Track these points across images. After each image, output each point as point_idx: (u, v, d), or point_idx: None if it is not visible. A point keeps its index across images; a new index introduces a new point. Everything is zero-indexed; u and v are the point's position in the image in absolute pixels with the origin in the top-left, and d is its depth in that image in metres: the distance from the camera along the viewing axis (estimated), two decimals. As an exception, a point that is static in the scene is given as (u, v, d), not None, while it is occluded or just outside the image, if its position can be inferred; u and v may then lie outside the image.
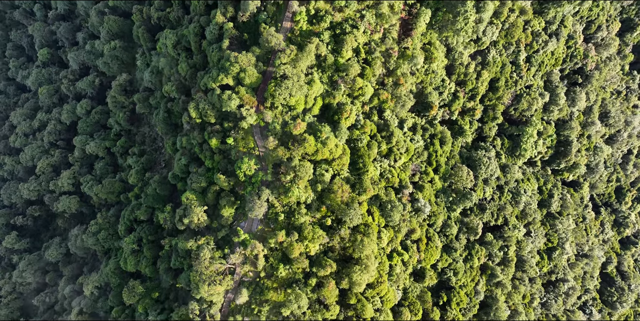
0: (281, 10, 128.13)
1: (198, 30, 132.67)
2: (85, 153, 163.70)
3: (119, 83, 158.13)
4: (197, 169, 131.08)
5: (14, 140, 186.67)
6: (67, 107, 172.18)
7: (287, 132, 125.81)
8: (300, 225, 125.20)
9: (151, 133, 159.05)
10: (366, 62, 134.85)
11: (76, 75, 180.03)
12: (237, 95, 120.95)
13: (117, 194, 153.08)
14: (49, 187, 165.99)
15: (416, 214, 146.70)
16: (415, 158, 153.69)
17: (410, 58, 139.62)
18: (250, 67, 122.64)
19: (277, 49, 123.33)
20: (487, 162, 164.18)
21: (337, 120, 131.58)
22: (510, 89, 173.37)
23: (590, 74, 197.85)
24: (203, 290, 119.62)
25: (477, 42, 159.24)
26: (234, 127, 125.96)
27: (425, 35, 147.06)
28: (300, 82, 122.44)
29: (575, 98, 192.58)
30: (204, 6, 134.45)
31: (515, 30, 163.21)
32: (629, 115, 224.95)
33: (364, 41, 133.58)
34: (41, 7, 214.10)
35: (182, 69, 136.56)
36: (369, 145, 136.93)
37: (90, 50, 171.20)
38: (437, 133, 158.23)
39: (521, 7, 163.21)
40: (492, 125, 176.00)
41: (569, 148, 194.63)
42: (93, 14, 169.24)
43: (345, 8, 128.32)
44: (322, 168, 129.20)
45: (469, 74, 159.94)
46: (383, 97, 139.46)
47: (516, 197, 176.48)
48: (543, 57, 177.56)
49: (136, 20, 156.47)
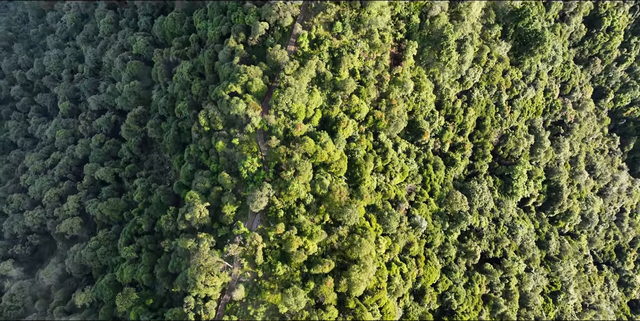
0: (286, 35, 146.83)
1: (212, 54, 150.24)
2: (93, 180, 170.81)
3: (134, 114, 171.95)
4: (202, 172, 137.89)
5: (24, 178, 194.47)
6: (82, 142, 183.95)
7: (289, 136, 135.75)
8: (299, 223, 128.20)
9: (159, 158, 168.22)
10: (361, 83, 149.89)
11: (93, 117, 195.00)
12: (244, 101, 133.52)
13: (120, 212, 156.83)
14: (53, 214, 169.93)
15: (413, 229, 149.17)
16: (410, 180, 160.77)
17: (401, 84, 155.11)
18: (257, 78, 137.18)
19: (281, 63, 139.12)
20: (481, 190, 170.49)
21: (335, 130, 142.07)
22: (497, 128, 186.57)
23: (570, 126, 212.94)
24: (200, 281, 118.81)
25: (462, 82, 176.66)
26: (239, 131, 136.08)
27: (414, 70, 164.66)
28: (302, 90, 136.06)
29: (559, 146, 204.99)
30: (219, 36, 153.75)
31: (495, 75, 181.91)
32: (616, 172, 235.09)
33: (359, 66, 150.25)
34: (68, 72, 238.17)
35: (194, 88, 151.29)
36: (365, 157, 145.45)
37: (110, 92, 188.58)
38: (430, 159, 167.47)
39: (498, 55, 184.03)
40: (483, 163, 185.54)
41: (560, 193, 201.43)
42: (117, 61, 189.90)
43: (342, 35, 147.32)
44: (322, 173, 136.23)
45: (456, 109, 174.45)
46: (377, 116, 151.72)
47: (512, 230, 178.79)
48: (524, 103, 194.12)
49: (156, 60, 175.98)
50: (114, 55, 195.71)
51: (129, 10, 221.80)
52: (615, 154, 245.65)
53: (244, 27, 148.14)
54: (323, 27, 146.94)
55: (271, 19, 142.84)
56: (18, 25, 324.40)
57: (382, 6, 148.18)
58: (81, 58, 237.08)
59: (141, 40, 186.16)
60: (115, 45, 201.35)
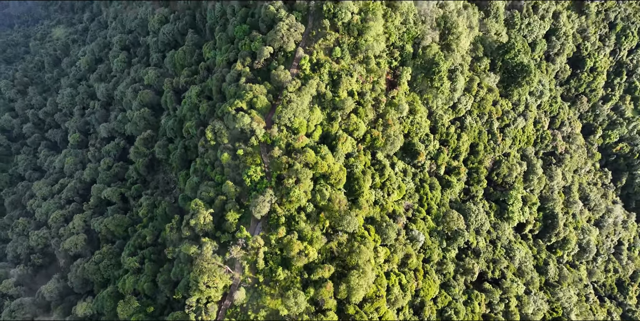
0: (289, 60, 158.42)
1: (220, 77, 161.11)
2: (100, 200, 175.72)
3: (142, 137, 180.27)
4: (207, 182, 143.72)
5: (31, 203, 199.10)
6: (90, 165, 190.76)
7: (291, 149, 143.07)
8: (300, 229, 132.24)
9: (165, 178, 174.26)
10: (359, 103, 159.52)
11: (103, 144, 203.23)
12: (249, 115, 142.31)
13: (125, 228, 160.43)
14: (58, 233, 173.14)
15: (411, 242, 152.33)
16: (407, 197, 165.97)
17: (397, 106, 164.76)
18: (262, 96, 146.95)
19: (285, 82, 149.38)
20: (477, 210, 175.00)
21: (334, 145, 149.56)
22: (490, 154, 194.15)
23: (562, 157, 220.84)
24: (202, 282, 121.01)
25: (455, 109, 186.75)
26: (244, 144, 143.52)
27: (409, 95, 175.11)
28: (303, 106, 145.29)
29: (552, 175, 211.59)
30: (227, 62, 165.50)
31: (486, 103, 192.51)
32: (610, 204, 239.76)
33: (357, 88, 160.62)
34: (80, 108, 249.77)
35: (202, 108, 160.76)
36: (363, 172, 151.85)
37: (120, 120, 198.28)
38: (427, 179, 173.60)
39: (488, 85, 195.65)
40: (478, 187, 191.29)
41: (555, 220, 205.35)
42: (129, 92, 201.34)
43: (341, 60, 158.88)
44: (322, 184, 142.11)
45: (450, 133, 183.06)
46: (375, 134, 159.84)
47: (510, 252, 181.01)
48: (515, 131, 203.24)
49: (166, 88, 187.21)
50: (126, 87, 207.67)
51: (142, 49, 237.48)
52: (608, 188, 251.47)
53: (250, 53, 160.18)
54: (323, 52, 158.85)
55: (275, 44, 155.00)
56: (34, 72, 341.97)
57: (378, 34, 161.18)
58: (93, 95, 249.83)
59: (152, 72, 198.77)
60: (127, 79, 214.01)
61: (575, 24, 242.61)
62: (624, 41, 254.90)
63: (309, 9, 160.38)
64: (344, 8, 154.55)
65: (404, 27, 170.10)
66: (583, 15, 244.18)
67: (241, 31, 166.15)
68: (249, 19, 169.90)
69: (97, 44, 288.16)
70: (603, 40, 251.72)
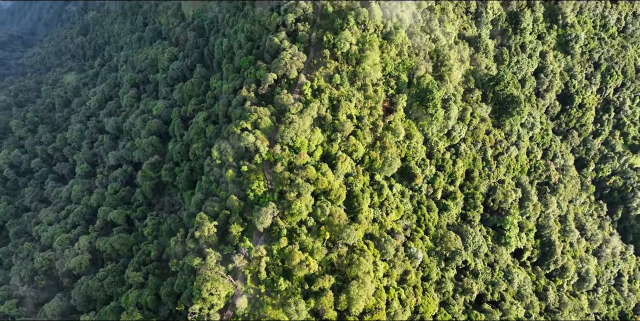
0: (292, 86, 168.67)
1: (226, 102, 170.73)
2: (105, 222, 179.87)
3: (150, 162, 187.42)
4: (212, 198, 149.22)
5: (37, 229, 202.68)
6: (97, 191, 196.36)
7: (293, 167, 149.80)
8: (301, 241, 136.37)
9: (170, 200, 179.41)
10: (357, 127, 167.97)
11: (110, 171, 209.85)
12: (253, 134, 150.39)
13: (130, 247, 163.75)
14: (63, 254, 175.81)
15: (410, 259, 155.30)
16: (405, 218, 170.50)
17: (394, 130, 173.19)
18: (266, 117, 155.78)
19: (287, 105, 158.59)
20: (474, 232, 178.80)
21: (334, 164, 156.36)
22: (485, 180, 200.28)
23: (556, 186, 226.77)
24: (205, 289, 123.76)
25: (449, 137, 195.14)
26: (248, 162, 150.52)
27: (405, 122, 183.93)
28: (305, 127, 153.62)
29: (547, 203, 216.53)
30: (233, 89, 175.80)
31: (479, 132, 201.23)
32: (607, 235, 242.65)
33: (355, 113, 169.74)
34: (89, 142, 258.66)
35: (208, 131, 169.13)
36: (362, 190, 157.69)
37: (129, 148, 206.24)
38: (424, 201, 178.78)
39: (481, 115, 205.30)
40: (475, 213, 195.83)
41: (553, 247, 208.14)
42: (138, 122, 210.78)
43: (340, 86, 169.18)
44: (322, 200, 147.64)
45: (445, 159, 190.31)
46: (373, 156, 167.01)
47: (508, 275, 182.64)
48: (509, 160, 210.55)
49: (174, 117, 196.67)
50: (135, 118, 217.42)
51: (151, 85, 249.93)
52: (604, 220, 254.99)
53: (255, 80, 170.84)
54: (324, 79, 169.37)
55: (279, 72, 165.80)
56: (44, 113, 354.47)
57: (375, 63, 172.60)
58: (102, 130, 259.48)
59: (161, 103, 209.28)
60: (136, 111, 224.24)
61: (562, 63, 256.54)
62: (609, 80, 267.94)
63: (310, 40, 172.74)
64: (343, 39, 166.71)
65: (399, 58, 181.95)
66: (569, 55, 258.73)
67: (247, 61, 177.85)
68: (255, 51, 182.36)
69: (108, 84, 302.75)
70: (589, 79, 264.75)
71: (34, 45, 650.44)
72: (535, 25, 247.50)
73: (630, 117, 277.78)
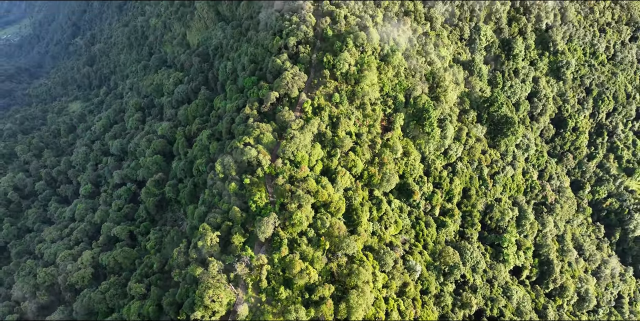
0: (293, 104, 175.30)
1: (229, 120, 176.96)
2: (109, 238, 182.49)
3: (154, 180, 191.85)
4: (214, 210, 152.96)
5: (39, 247, 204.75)
6: (101, 208, 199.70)
7: (294, 180, 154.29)
8: (302, 251, 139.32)
9: (173, 216, 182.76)
10: (356, 143, 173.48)
11: (115, 189, 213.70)
12: (255, 149, 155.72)
13: (132, 260, 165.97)
14: (66, 269, 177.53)
15: (408, 272, 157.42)
16: (404, 233, 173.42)
17: (392, 147, 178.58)
18: (268, 133, 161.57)
19: (289, 121, 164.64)
20: (472, 248, 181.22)
21: (334, 178, 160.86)
22: (482, 198, 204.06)
23: (552, 206, 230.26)
24: (207, 296, 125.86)
25: (446, 155, 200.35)
26: (251, 175, 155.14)
27: (402, 140, 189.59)
28: (305, 142, 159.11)
29: (544, 223, 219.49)
30: (236, 108, 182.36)
31: (475, 151, 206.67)
32: (605, 256, 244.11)
33: (354, 130, 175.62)
34: (93, 164, 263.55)
35: (212, 148, 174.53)
36: (361, 204, 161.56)
37: (133, 167, 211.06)
38: (422, 217, 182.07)
39: (476, 135, 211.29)
40: (472, 231, 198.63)
41: (551, 266, 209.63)
42: (142, 142, 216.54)
43: (340, 105, 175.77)
44: (322, 213, 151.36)
45: (443, 177, 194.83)
46: (371, 171, 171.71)
47: (507, 292, 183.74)
48: (505, 179, 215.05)
49: (178, 136, 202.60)
50: (140, 139, 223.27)
51: (156, 109, 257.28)
52: (602, 242, 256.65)
53: (257, 99, 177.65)
54: (324, 98, 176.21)
55: (281, 91, 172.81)
56: (50, 139, 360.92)
57: (373, 83, 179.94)
58: (107, 152, 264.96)
59: (166, 124, 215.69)
60: (142, 132, 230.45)
61: (554, 88, 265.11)
62: (601, 105, 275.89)
63: (311, 61, 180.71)
64: (342, 60, 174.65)
65: (396, 79, 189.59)
66: (560, 81, 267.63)
67: (250, 82, 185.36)
68: (258, 72, 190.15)
69: (114, 109, 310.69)
70: (582, 104, 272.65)
71: (40, 77, 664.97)
72: (527, 52, 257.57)
73: (624, 141, 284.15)
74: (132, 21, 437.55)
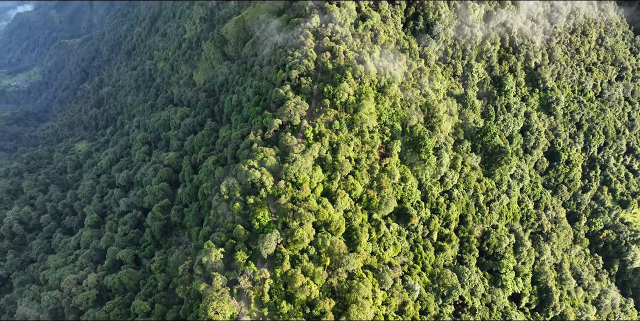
0: (295, 131, 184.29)
1: (234, 146, 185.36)
2: (114, 262, 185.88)
3: (159, 205, 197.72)
4: (219, 229, 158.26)
5: (44, 274, 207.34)
6: (107, 234, 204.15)
7: (295, 200, 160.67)
8: (303, 267, 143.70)
9: (177, 240, 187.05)
10: (355, 168, 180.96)
11: (120, 216, 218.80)
12: (259, 171, 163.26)
13: (137, 281, 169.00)
14: (70, 292, 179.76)
15: (407, 291, 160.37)
16: (403, 255, 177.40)
17: (390, 172, 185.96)
18: (271, 156, 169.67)
19: (291, 145, 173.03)
20: (469, 271, 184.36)
21: (334, 200, 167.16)
22: (479, 225, 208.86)
23: (549, 235, 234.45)
24: (210, 308, 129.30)
25: (443, 183, 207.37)
26: (254, 196, 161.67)
27: (400, 167, 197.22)
28: (307, 165, 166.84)
29: (541, 251, 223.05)
30: (241, 135, 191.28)
31: (471, 179, 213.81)
32: (605, 287, 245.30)
33: (354, 155, 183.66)
34: (99, 196, 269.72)
35: (217, 173, 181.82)
36: (361, 225, 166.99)
37: (139, 195, 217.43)
38: (420, 241, 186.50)
39: (471, 164, 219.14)
40: (470, 256, 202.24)
41: (550, 294, 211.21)
42: (149, 171, 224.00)
43: (339, 131, 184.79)
44: (323, 232, 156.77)
45: (440, 203, 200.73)
46: (370, 194, 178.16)
47: (507, 316, 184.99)
48: (501, 207, 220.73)
49: (184, 164, 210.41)
50: (147, 169, 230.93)
51: (162, 142, 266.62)
52: (601, 273, 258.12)
53: (261, 127, 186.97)
54: (324, 125, 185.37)
55: (284, 118, 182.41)
56: (56, 176, 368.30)
57: (371, 112, 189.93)
58: (113, 184, 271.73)
59: (172, 154, 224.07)
60: (148, 163, 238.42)
61: (546, 122, 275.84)
62: (592, 139, 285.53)
63: (312, 91, 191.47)
64: (341, 90, 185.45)
65: (393, 109, 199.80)
66: (552, 116, 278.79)
67: (254, 112, 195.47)
68: (262, 102, 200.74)
69: (120, 145, 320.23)
70: (573, 138, 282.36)
71: (47, 120, 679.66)
72: (518, 88, 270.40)
73: (617, 174, 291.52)
74: (140, 65, 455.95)
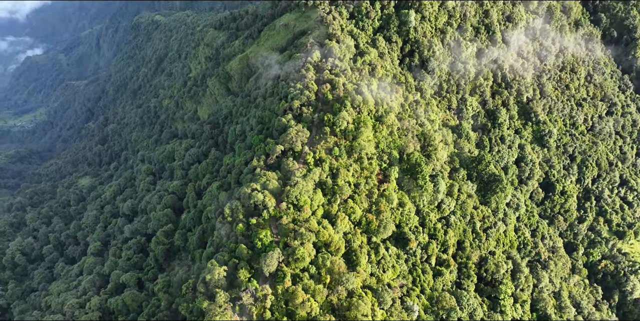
0: (297, 157, 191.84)
1: (238, 171, 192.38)
2: (117, 285, 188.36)
3: (163, 230, 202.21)
4: (222, 249, 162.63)
5: (46, 300, 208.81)
6: (111, 258, 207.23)
7: (297, 222, 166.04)
8: (304, 284, 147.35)
9: (180, 263, 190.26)
10: (354, 192, 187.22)
11: (124, 243, 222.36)
12: (262, 193, 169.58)
13: (140, 303, 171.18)
14: (73, 315, 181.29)
15: (406, 312, 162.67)
16: (401, 278, 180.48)
17: (388, 197, 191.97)
18: (273, 180, 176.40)
19: (293, 170, 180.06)
20: (468, 295, 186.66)
21: (334, 222, 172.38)
22: (476, 251, 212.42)
23: (546, 263, 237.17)
24: None
25: (440, 209, 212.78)
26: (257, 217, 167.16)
27: (398, 193, 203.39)
28: (308, 188, 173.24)
29: (539, 278, 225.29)
30: (244, 162, 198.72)
31: (467, 206, 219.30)
32: (605, 316, 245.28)
33: (353, 180, 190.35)
34: (102, 226, 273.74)
35: (221, 197, 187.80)
36: (360, 246, 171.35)
37: (144, 221, 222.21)
38: (418, 264, 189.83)
39: (468, 192, 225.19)
40: (469, 282, 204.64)
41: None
42: (154, 199, 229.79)
43: (339, 158, 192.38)
44: (323, 253, 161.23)
45: (437, 228, 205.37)
46: (369, 218, 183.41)
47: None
48: (497, 234, 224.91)
49: (188, 191, 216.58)
50: (151, 197, 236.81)
51: (167, 172, 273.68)
52: (601, 304, 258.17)
53: (264, 153, 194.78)
54: (324, 151, 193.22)
55: (286, 145, 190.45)
56: (59, 209, 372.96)
57: (369, 140, 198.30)
58: (116, 214, 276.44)
59: (176, 182, 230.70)
60: (153, 191, 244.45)
61: (540, 154, 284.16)
62: (586, 171, 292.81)
63: (313, 120, 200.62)
64: (341, 118, 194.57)
65: (390, 137, 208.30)
66: (545, 148, 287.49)
67: (257, 139, 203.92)
68: (265, 131, 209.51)
69: (124, 177, 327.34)
70: (567, 170, 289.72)
71: (51, 159, 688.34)
72: (511, 122, 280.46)
73: (612, 205, 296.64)
74: (145, 103, 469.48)
